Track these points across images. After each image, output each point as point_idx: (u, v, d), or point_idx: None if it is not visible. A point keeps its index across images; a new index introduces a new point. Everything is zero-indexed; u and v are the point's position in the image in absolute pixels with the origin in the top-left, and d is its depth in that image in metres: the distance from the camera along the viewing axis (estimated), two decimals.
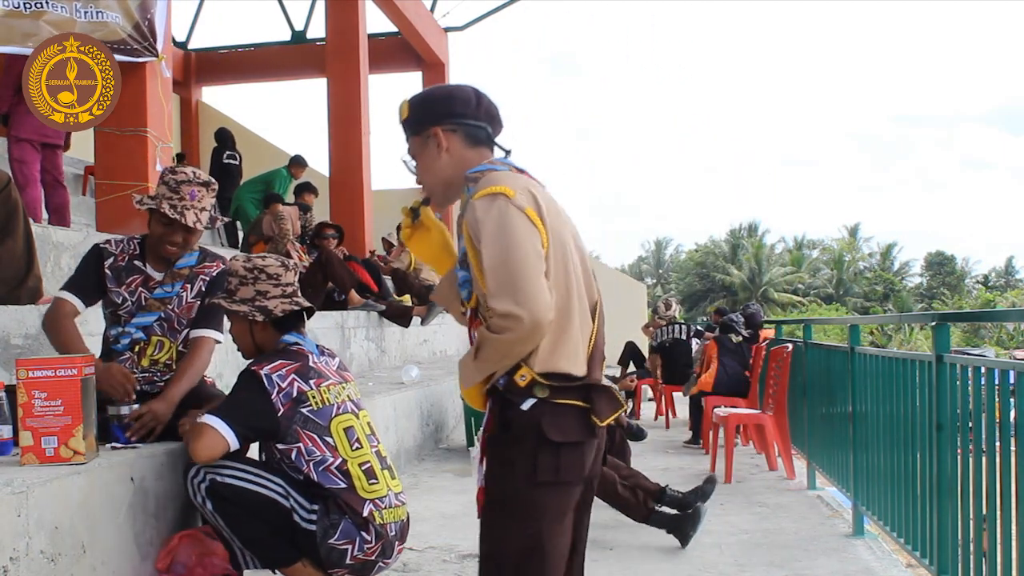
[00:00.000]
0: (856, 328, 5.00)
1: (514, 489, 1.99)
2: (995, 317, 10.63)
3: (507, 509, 2.00)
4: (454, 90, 2.17)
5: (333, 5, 11.61)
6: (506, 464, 2.00)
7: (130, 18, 6.01)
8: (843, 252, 53.02)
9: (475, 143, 2.14)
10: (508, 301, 1.88)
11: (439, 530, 4.41)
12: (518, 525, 1.99)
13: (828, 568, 3.96)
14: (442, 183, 2.16)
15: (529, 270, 1.90)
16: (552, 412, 1.97)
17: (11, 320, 3.83)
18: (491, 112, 2.16)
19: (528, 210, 1.95)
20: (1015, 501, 2.71)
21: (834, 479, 5.31)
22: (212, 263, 3.41)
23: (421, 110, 2.15)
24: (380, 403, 5.87)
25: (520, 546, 1.98)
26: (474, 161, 2.12)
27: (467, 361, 2.04)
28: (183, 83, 15.57)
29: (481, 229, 1.94)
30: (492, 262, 1.92)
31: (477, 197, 1.98)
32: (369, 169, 11.64)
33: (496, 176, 2.03)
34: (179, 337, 3.34)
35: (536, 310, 1.88)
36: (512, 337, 1.90)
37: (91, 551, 2.70)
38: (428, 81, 15.31)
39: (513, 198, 1.95)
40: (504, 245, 1.91)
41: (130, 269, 3.34)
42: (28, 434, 2.73)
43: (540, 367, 1.96)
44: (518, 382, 1.97)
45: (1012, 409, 2.89)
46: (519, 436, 1.98)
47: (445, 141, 2.12)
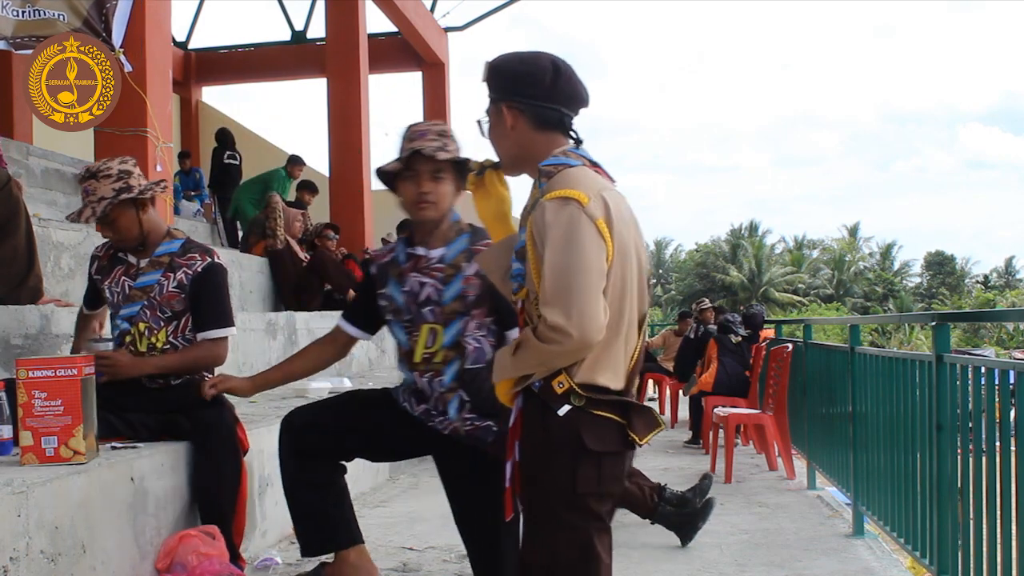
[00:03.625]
0: (856, 328, 5.00)
1: (556, 500, 1.94)
2: (995, 317, 10.65)
3: (550, 520, 1.95)
4: (530, 65, 2.02)
5: (333, 5, 11.61)
6: (544, 475, 1.95)
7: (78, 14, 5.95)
8: (843, 252, 53.02)
9: (544, 126, 2.01)
10: (560, 314, 1.83)
11: (439, 530, 4.41)
12: (565, 536, 1.94)
13: (828, 568, 3.95)
14: (508, 157, 2.08)
15: (588, 287, 1.84)
16: (591, 421, 1.92)
17: (11, 320, 3.83)
18: (567, 91, 2.02)
19: (599, 221, 1.88)
20: (1015, 501, 2.71)
21: (834, 479, 5.31)
22: (195, 254, 3.33)
23: (494, 80, 2.04)
24: None
25: (571, 557, 1.94)
26: (542, 146, 2.01)
27: (505, 355, 1.99)
28: (183, 83, 15.56)
29: (548, 233, 1.87)
30: (552, 270, 1.86)
31: (549, 198, 1.90)
32: (369, 169, 11.64)
33: (571, 176, 1.94)
34: (166, 324, 3.30)
35: (587, 330, 1.83)
36: (557, 350, 1.86)
37: (91, 551, 2.70)
38: (428, 81, 15.31)
39: (586, 206, 1.87)
40: (568, 256, 1.85)
41: (113, 262, 3.38)
42: (28, 434, 2.73)
43: (579, 378, 1.92)
44: (555, 388, 1.92)
45: (1012, 409, 2.89)
46: (558, 445, 1.93)
47: (511, 119, 2.01)
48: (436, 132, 2.64)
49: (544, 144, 2.02)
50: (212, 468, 3.28)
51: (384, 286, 2.70)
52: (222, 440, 3.29)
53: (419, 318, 2.63)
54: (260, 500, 3.98)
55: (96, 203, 3.20)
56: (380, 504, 5.18)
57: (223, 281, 3.40)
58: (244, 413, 4.40)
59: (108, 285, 3.36)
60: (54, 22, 5.85)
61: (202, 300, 3.31)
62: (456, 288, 2.62)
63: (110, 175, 3.23)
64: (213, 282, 3.33)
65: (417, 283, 2.63)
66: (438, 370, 2.63)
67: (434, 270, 2.64)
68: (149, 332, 3.30)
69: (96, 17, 5.99)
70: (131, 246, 3.33)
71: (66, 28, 5.80)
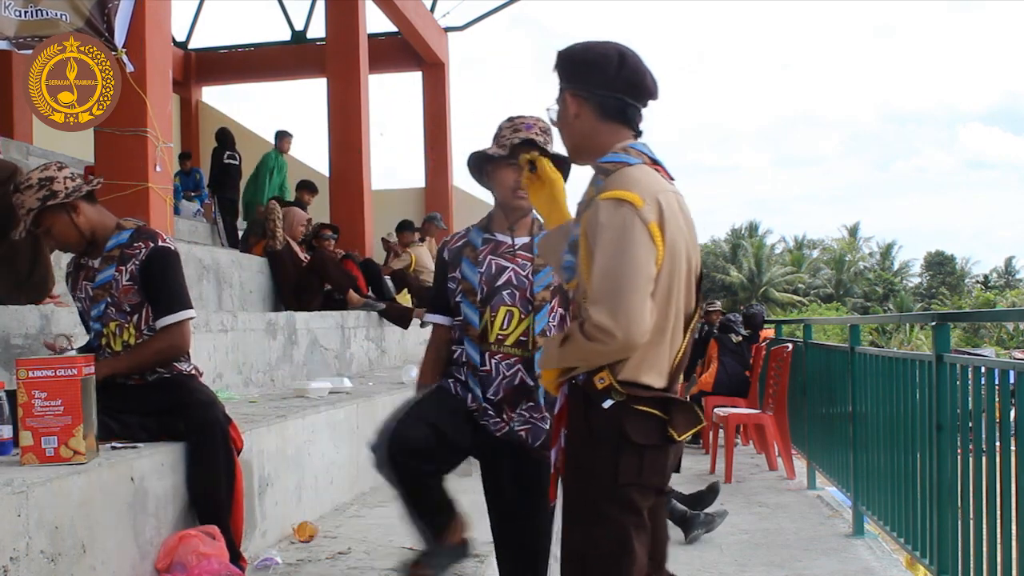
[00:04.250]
0: (856, 328, 5.00)
1: (600, 489, 1.97)
2: (995, 317, 10.67)
3: (590, 511, 1.98)
4: (596, 53, 2.04)
5: (333, 5, 11.60)
6: (587, 465, 1.99)
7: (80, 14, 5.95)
8: (843, 252, 53.01)
9: (607, 116, 2.03)
10: (606, 315, 1.86)
11: None
12: (603, 527, 1.97)
13: (828, 568, 3.96)
14: (573, 147, 2.10)
15: (636, 291, 1.87)
16: (633, 414, 1.95)
17: (11, 320, 3.82)
18: (633, 81, 2.03)
19: (652, 224, 1.89)
20: (1015, 501, 2.71)
21: (834, 479, 5.31)
22: (140, 243, 3.29)
23: (561, 68, 2.08)
24: (380, 403, 5.87)
25: (607, 548, 1.96)
26: (605, 136, 2.03)
27: (552, 345, 2.02)
28: (183, 83, 15.56)
29: (600, 234, 1.90)
30: (602, 270, 1.88)
31: (604, 197, 1.91)
32: (369, 169, 11.64)
33: (629, 176, 1.95)
34: (130, 318, 3.28)
35: (632, 333, 1.86)
36: (600, 348, 1.89)
37: (91, 551, 2.70)
38: (428, 81, 15.31)
39: (640, 209, 1.89)
40: (618, 259, 1.87)
41: (76, 270, 3.39)
42: (28, 434, 2.73)
43: (622, 376, 1.95)
44: (596, 384, 1.96)
45: (1012, 409, 2.89)
46: (601, 437, 1.96)
47: (575, 107, 2.04)
48: (541, 128, 2.66)
49: (607, 135, 2.04)
50: (206, 468, 3.27)
51: (456, 268, 2.70)
52: (215, 439, 3.28)
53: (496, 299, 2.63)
54: (260, 500, 3.98)
55: (26, 215, 3.19)
56: (380, 504, 5.18)
57: (171, 264, 3.32)
58: (244, 413, 4.41)
59: (76, 294, 3.38)
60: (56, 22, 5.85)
61: (151, 287, 3.27)
62: (549, 278, 2.65)
63: (31, 185, 3.20)
64: (159, 267, 3.28)
65: (495, 265, 2.64)
66: (509, 353, 2.62)
67: (519, 257, 2.65)
68: (120, 330, 3.29)
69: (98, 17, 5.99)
70: (77, 250, 3.32)
71: (69, 28, 5.79)
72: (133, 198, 5.86)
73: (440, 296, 2.78)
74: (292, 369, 6.46)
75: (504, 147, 2.59)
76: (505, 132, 2.63)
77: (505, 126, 2.65)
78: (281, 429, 4.31)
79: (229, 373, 5.50)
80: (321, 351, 7.07)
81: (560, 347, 1.98)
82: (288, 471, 4.33)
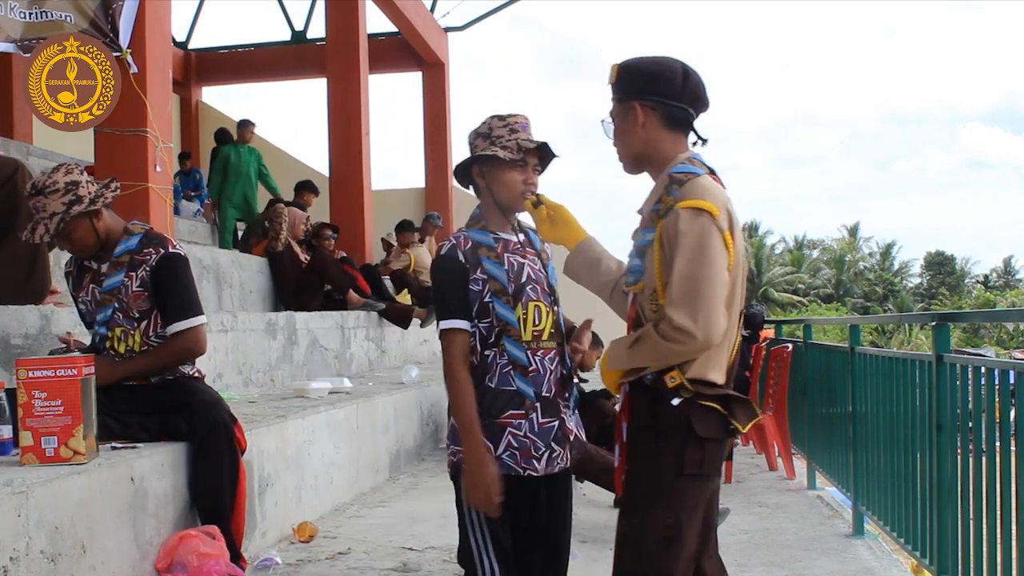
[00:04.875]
0: (856, 328, 5.00)
1: (660, 479, 2.09)
2: (995, 317, 10.65)
3: (651, 497, 2.10)
4: (662, 66, 2.17)
5: (333, 5, 11.60)
6: (653, 455, 2.11)
7: (85, 15, 5.95)
8: (843, 252, 53.01)
9: (673, 125, 2.16)
10: (687, 317, 1.99)
11: (439, 530, 4.41)
12: (660, 513, 2.08)
13: (828, 568, 3.95)
14: (633, 156, 2.20)
15: (714, 295, 2.01)
16: (700, 410, 2.07)
17: (11, 320, 3.82)
18: (696, 93, 2.17)
19: (726, 233, 2.04)
20: (1015, 501, 2.71)
21: (834, 479, 5.31)
22: (150, 248, 3.31)
23: (626, 79, 2.18)
24: (380, 403, 5.87)
25: (661, 533, 2.08)
26: (668, 145, 2.15)
27: (621, 346, 2.14)
28: (183, 83, 15.55)
29: (680, 241, 2.02)
30: (682, 276, 2.01)
31: (683, 206, 2.03)
32: (369, 169, 11.63)
33: (702, 187, 2.07)
34: (138, 325, 3.30)
35: (710, 334, 2.01)
36: (679, 349, 2.02)
37: (91, 551, 2.70)
38: (428, 81, 15.30)
39: (717, 218, 2.03)
40: (698, 265, 2.01)
41: (81, 272, 3.38)
42: (28, 434, 2.73)
43: (691, 374, 2.07)
44: (667, 382, 2.07)
45: (1012, 409, 2.89)
46: (669, 430, 2.08)
47: (643, 117, 2.15)
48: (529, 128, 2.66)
49: (670, 144, 2.16)
50: (210, 468, 3.28)
51: (477, 269, 2.55)
52: (219, 440, 3.28)
53: (524, 296, 2.57)
54: (260, 500, 3.98)
55: (48, 219, 3.18)
56: (380, 504, 5.18)
57: (181, 270, 3.33)
58: (244, 413, 4.41)
59: (81, 296, 3.38)
60: (61, 23, 5.85)
61: (162, 294, 3.28)
62: (556, 272, 2.65)
63: (57, 189, 3.19)
64: (169, 273, 3.29)
65: (515, 262, 2.59)
66: (548, 348, 2.56)
67: (527, 251, 2.61)
68: (125, 335, 3.30)
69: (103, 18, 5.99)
70: (91, 254, 3.32)
71: (73, 29, 5.79)
72: (133, 198, 5.86)
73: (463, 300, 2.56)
74: (292, 369, 6.46)
75: (510, 149, 2.56)
76: (502, 133, 2.59)
77: (497, 125, 2.61)
78: (281, 429, 4.31)
79: (229, 373, 5.50)
80: (321, 351, 7.07)
81: (630, 348, 2.10)
82: (288, 471, 4.33)
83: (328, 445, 4.90)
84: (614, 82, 2.19)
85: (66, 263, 3.50)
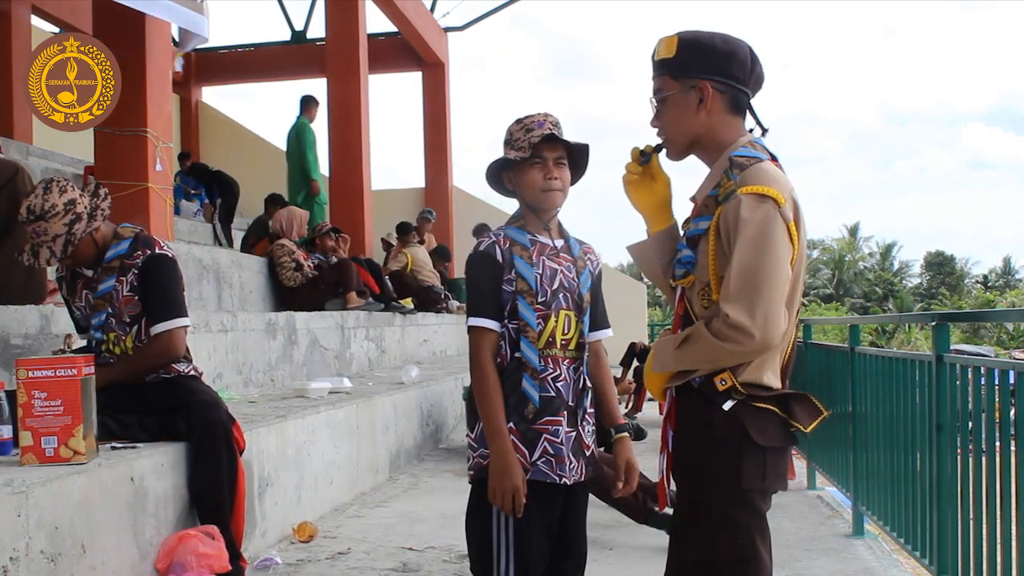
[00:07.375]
0: (856, 328, 5.00)
1: (719, 496, 1.90)
2: (995, 317, 10.64)
3: (713, 516, 1.91)
4: (735, 45, 1.96)
5: (333, 5, 11.60)
6: (707, 469, 1.91)
7: None
8: (843, 252, 53.01)
9: (736, 110, 1.97)
10: (745, 314, 1.79)
11: (439, 530, 4.41)
12: (727, 533, 1.89)
13: (828, 568, 3.95)
14: (688, 139, 2.00)
15: (776, 291, 1.82)
16: (755, 414, 1.88)
17: (11, 320, 3.82)
18: (759, 80, 1.99)
19: (790, 224, 1.85)
20: (1015, 501, 2.71)
21: (834, 479, 5.31)
22: (139, 251, 3.31)
23: (693, 55, 1.94)
24: (380, 403, 5.87)
25: (734, 555, 1.90)
26: (727, 129, 1.96)
27: (667, 346, 1.94)
28: (183, 83, 15.54)
29: (742, 229, 1.82)
30: (742, 267, 1.81)
31: (746, 192, 1.84)
32: (369, 169, 11.63)
33: (766, 172, 1.88)
34: (130, 329, 3.32)
35: (770, 334, 1.80)
36: (734, 349, 1.82)
37: (91, 551, 2.70)
38: (428, 81, 15.31)
39: (782, 207, 1.84)
40: (760, 257, 1.80)
41: (74, 279, 3.39)
42: (28, 434, 2.73)
43: (744, 377, 1.88)
44: (717, 386, 1.88)
45: (1012, 409, 2.88)
46: (721, 440, 1.88)
47: (708, 98, 1.94)
48: (552, 123, 2.59)
49: (730, 128, 1.97)
50: (209, 468, 3.28)
51: (511, 268, 2.50)
52: (218, 439, 3.29)
53: (555, 303, 2.49)
54: (260, 500, 3.98)
55: (51, 242, 3.17)
56: (380, 504, 5.18)
57: (166, 271, 3.33)
58: (244, 413, 4.41)
59: (74, 302, 3.40)
60: None
61: (146, 295, 3.29)
62: (589, 282, 2.57)
63: (58, 212, 3.17)
64: (154, 275, 3.30)
65: (549, 267, 2.55)
66: (574, 357, 2.49)
67: (562, 258, 2.55)
68: (118, 340, 3.32)
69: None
70: (90, 263, 3.34)
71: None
72: (133, 198, 5.87)
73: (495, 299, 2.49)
74: (292, 369, 6.46)
75: (523, 149, 2.55)
76: (518, 135, 2.57)
77: (515, 129, 2.59)
78: (281, 429, 4.31)
79: (229, 373, 5.50)
80: (321, 351, 7.06)
81: (678, 348, 1.90)
82: (288, 471, 4.33)
83: (328, 445, 4.90)
84: (672, 57, 1.95)
85: (57, 269, 3.51)
